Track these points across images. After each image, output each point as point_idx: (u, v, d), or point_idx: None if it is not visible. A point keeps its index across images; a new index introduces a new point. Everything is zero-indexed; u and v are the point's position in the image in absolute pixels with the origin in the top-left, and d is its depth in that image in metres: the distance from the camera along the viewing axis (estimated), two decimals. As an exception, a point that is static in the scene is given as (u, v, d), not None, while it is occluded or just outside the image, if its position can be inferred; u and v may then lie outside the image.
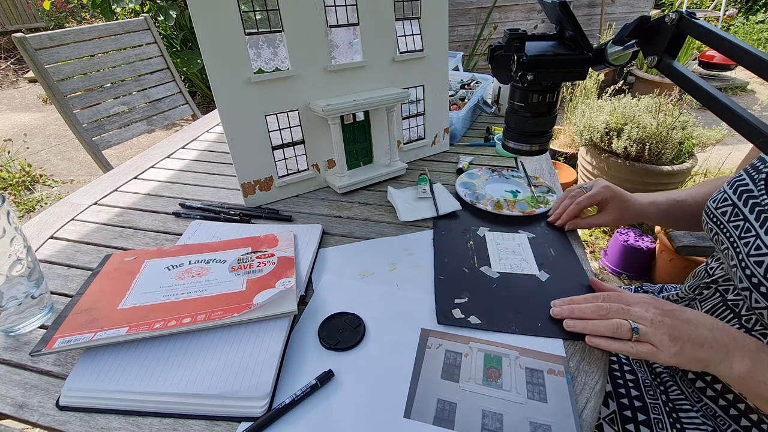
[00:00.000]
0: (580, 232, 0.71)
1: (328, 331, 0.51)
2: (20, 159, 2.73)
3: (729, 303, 0.54)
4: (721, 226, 0.53)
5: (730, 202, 0.53)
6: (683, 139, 1.72)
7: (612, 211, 0.68)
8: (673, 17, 0.37)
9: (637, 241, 1.65)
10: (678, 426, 0.54)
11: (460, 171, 0.90)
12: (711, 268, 0.60)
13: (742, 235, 0.49)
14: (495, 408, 0.42)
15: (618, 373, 0.60)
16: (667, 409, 0.56)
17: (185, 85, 2.34)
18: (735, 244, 0.50)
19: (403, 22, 0.82)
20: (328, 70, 0.76)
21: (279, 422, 0.41)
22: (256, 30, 0.68)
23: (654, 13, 3.69)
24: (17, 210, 2.27)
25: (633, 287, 0.80)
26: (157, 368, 0.44)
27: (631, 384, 0.59)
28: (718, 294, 0.56)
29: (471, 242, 0.67)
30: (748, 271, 0.47)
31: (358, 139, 0.85)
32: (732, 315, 0.53)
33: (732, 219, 0.51)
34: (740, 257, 0.48)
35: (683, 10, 0.37)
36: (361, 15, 0.76)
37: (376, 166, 0.88)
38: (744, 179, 0.53)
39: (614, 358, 0.64)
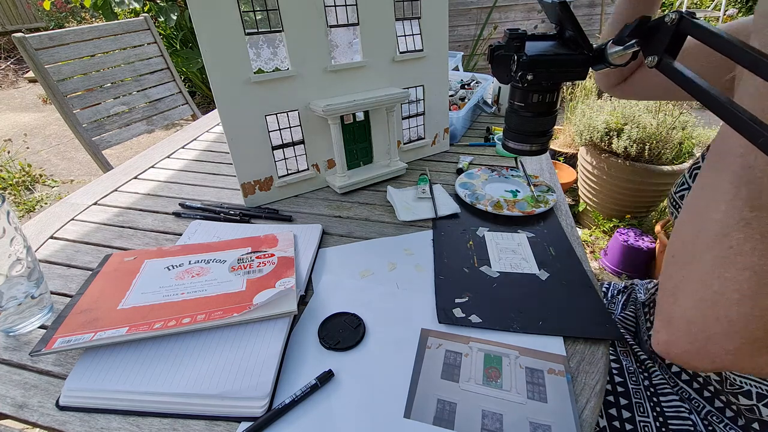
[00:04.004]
0: (579, 231, 0.71)
1: (328, 331, 0.51)
2: (20, 159, 2.74)
3: None
4: (680, 209, 0.56)
5: (686, 186, 0.56)
6: (683, 139, 1.72)
7: None
8: (673, 17, 0.37)
9: (637, 241, 1.66)
10: (658, 409, 0.57)
11: (460, 171, 0.90)
12: None
13: None
14: (495, 408, 0.42)
15: None
16: (648, 393, 0.58)
17: (185, 85, 2.34)
18: None
19: (403, 22, 0.82)
20: (328, 70, 0.76)
21: (279, 422, 0.41)
22: (256, 30, 0.68)
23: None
24: (17, 210, 2.27)
25: (622, 284, 0.81)
26: (157, 368, 0.44)
27: (615, 371, 0.61)
28: None
29: (470, 242, 0.67)
30: None
31: (358, 139, 0.85)
32: None
33: None
34: None
35: (683, 10, 0.37)
36: (361, 15, 0.76)
37: (376, 166, 0.88)
38: (699, 164, 0.56)
39: None
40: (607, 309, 0.54)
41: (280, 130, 0.76)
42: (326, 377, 0.45)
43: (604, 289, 0.82)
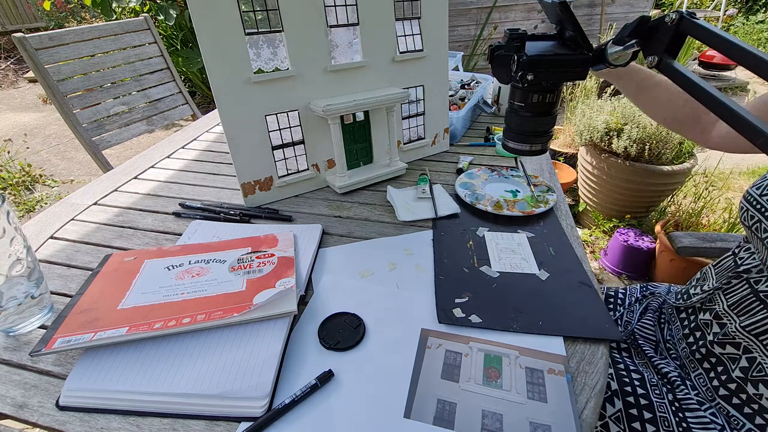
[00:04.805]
0: (579, 231, 0.71)
1: (328, 331, 0.51)
2: (20, 159, 2.73)
3: (760, 294, 0.54)
4: (767, 213, 0.52)
5: None
6: (683, 139, 1.72)
7: None
8: (673, 17, 0.37)
9: (637, 241, 1.65)
10: (684, 425, 0.55)
11: (460, 171, 0.90)
12: (740, 258, 0.59)
13: None
14: (495, 408, 0.42)
15: (624, 373, 0.60)
16: (674, 408, 0.56)
17: (185, 85, 2.34)
18: None
19: (403, 22, 0.82)
20: (328, 70, 0.76)
21: (279, 422, 0.41)
22: (256, 30, 0.68)
23: (654, 13, 3.69)
24: (17, 210, 2.27)
25: (638, 285, 0.80)
26: (157, 368, 0.44)
27: (637, 383, 0.59)
28: (747, 285, 0.56)
29: (470, 242, 0.67)
30: None
31: (358, 139, 0.85)
32: (762, 306, 0.53)
33: None
34: None
35: (683, 10, 0.37)
36: (361, 15, 0.76)
37: (376, 166, 0.88)
38: None
39: (619, 359, 0.64)
40: (608, 310, 0.54)
41: (280, 130, 0.76)
42: (326, 377, 0.45)
43: (621, 296, 0.80)
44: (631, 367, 0.61)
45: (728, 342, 0.56)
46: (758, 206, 0.53)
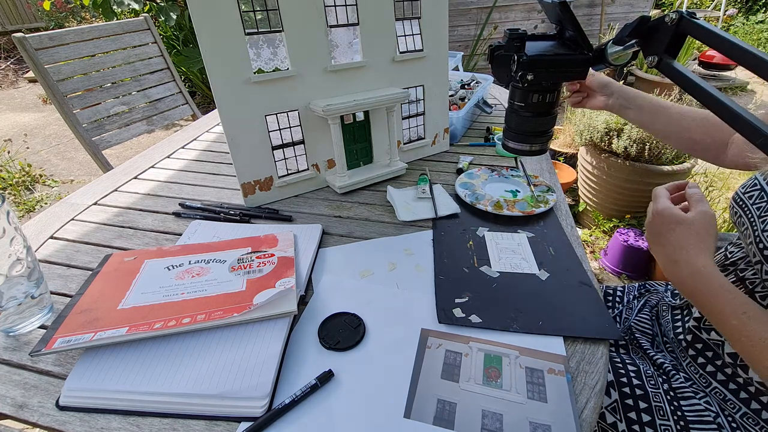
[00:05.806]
0: (579, 231, 0.71)
1: (328, 331, 0.51)
2: (20, 159, 2.73)
3: (746, 282, 0.56)
4: (745, 208, 0.56)
5: (758, 187, 0.55)
6: (683, 139, 1.72)
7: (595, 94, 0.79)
8: (673, 17, 0.37)
9: (637, 241, 1.65)
10: (679, 413, 0.55)
11: (460, 171, 0.90)
12: (731, 252, 0.61)
13: (762, 214, 0.52)
14: (495, 408, 0.42)
15: (620, 364, 0.61)
16: (668, 397, 0.57)
17: (185, 85, 2.34)
18: (754, 223, 0.53)
19: (403, 22, 0.82)
20: (328, 70, 0.76)
21: (279, 422, 0.41)
22: (256, 30, 0.68)
23: (654, 13, 3.69)
24: (17, 210, 2.27)
25: (637, 284, 0.81)
26: (157, 368, 0.44)
27: (632, 374, 0.60)
28: (734, 276, 0.58)
29: (470, 242, 0.67)
30: (761, 245, 0.50)
31: (358, 139, 0.85)
32: (747, 293, 0.54)
33: (756, 201, 0.54)
34: (756, 234, 0.52)
35: (683, 10, 0.37)
36: (361, 15, 0.76)
37: (376, 166, 0.88)
38: None
39: (615, 353, 0.64)
40: (607, 309, 0.54)
41: (280, 130, 0.76)
42: (326, 377, 0.45)
43: (619, 293, 0.81)
44: (627, 360, 0.62)
45: (713, 328, 0.57)
46: (740, 202, 0.57)
